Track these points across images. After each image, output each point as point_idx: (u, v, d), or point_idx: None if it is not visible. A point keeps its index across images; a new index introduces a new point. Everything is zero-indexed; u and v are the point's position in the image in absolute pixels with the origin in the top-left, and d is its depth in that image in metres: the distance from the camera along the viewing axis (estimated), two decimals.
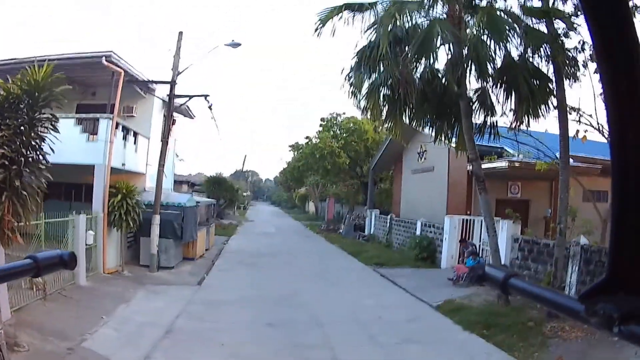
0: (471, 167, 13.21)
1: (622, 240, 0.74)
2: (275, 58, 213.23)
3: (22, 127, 8.43)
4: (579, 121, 13.71)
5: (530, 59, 12.05)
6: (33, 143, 8.65)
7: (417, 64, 12.07)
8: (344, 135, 37.58)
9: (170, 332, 10.25)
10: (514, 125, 12.67)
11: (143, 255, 17.27)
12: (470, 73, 11.94)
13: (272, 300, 13.82)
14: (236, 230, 36.20)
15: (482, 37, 11.49)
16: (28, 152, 8.55)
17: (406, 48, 11.67)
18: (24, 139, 8.44)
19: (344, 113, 39.27)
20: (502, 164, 18.36)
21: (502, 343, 9.61)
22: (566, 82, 12.01)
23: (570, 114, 12.56)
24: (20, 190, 8.01)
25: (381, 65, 12.34)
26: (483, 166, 18.96)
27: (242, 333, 10.50)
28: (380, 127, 23.02)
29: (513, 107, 12.21)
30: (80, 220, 13.34)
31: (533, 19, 11.88)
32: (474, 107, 13.05)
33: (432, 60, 11.72)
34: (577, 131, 13.28)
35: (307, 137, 40.97)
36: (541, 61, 12.02)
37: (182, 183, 43.59)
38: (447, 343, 10.30)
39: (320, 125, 39.28)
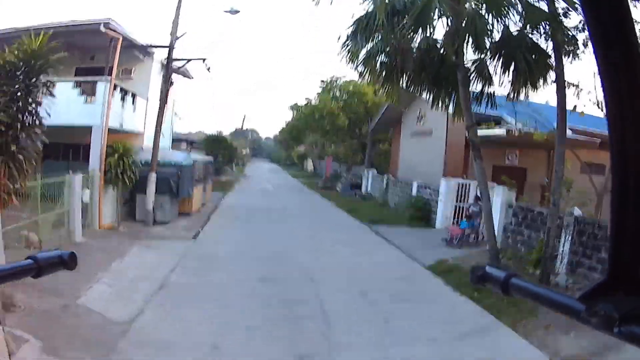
0: (468, 133, 13.23)
1: (621, 241, 0.75)
2: (277, 23, 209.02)
3: (18, 94, 8.55)
4: (578, 96, 13.74)
5: (529, 35, 11.98)
6: (29, 108, 8.76)
7: (414, 35, 11.98)
8: (344, 97, 37.39)
9: (164, 287, 10.38)
10: (511, 97, 12.75)
11: (139, 212, 17.47)
12: (467, 45, 11.88)
13: (265, 255, 14.02)
14: (234, 187, 36.09)
15: (480, 11, 11.38)
16: (24, 117, 8.66)
17: (404, 19, 11.58)
18: (20, 104, 8.56)
19: (344, 76, 38.99)
20: (500, 131, 18.41)
21: (492, 307, 9.53)
22: (565, 59, 11.98)
23: (568, 88, 12.55)
24: (16, 154, 8.15)
25: (378, 35, 12.30)
26: (481, 133, 18.95)
27: (235, 288, 10.68)
28: (379, 93, 23.21)
29: (510, 79, 12.24)
30: (76, 179, 13.46)
31: None
32: (471, 77, 13.05)
33: (428, 32, 11.64)
34: (575, 106, 13.30)
35: (306, 99, 40.74)
36: (540, 37, 11.96)
37: (182, 141, 43.50)
38: (437, 303, 10.41)
39: (320, 87, 39.04)
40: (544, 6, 11.57)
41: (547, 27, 11.52)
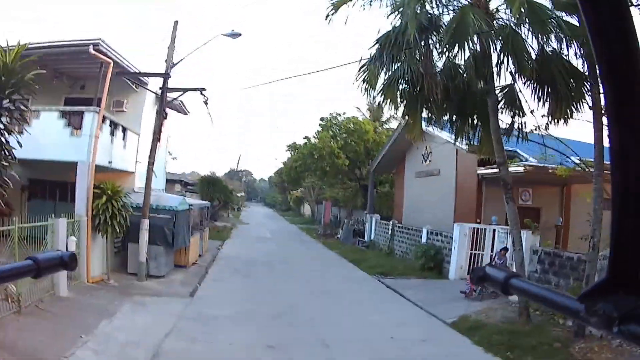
0: (499, 170, 12.10)
1: (622, 241, 0.73)
2: (275, 56, 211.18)
3: None
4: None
5: (565, 55, 10.93)
6: None
7: (450, 54, 10.90)
8: (344, 135, 36.44)
9: (158, 356, 8.95)
10: (548, 126, 11.83)
11: (131, 263, 15.96)
12: (501, 68, 10.87)
13: (271, 316, 12.55)
14: (230, 234, 35.02)
15: (519, 27, 10.47)
16: None
17: (431, 37, 10.52)
18: None
19: (344, 113, 38.21)
20: (517, 168, 17.32)
21: None
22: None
23: (605, 116, 11.40)
24: None
25: (402, 55, 11.17)
26: (494, 170, 17.94)
27: (241, 358, 9.27)
28: (383, 125, 21.93)
29: (548, 106, 11.20)
30: (60, 224, 11.99)
31: (564, 12, 10.75)
32: (500, 106, 11.97)
33: (465, 50, 10.56)
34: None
35: (305, 137, 39.83)
36: (576, 58, 10.93)
37: (175, 182, 42.41)
38: None
39: (319, 125, 38.14)
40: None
41: (581, 46, 10.42)
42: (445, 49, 10.68)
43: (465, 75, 11.83)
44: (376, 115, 39.47)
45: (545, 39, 10.52)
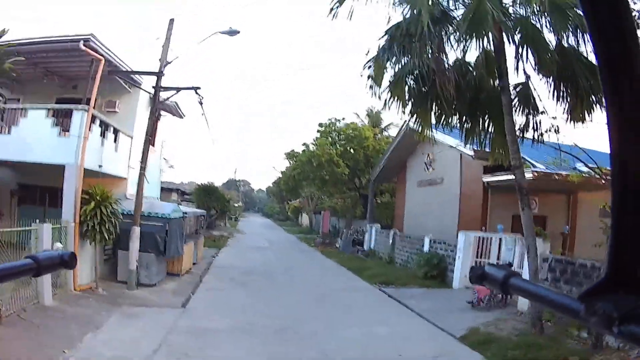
0: (515, 175, 11.40)
1: (621, 240, 0.72)
2: (275, 61, 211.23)
3: None
4: None
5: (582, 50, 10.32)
6: None
7: (465, 46, 10.24)
8: (343, 142, 35.80)
9: None
10: (559, 129, 11.18)
11: (121, 271, 15.18)
12: (519, 62, 10.18)
13: (270, 329, 11.69)
14: (227, 243, 34.17)
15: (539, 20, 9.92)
16: None
17: (445, 29, 9.91)
18: None
19: (343, 119, 37.55)
20: (526, 175, 16.70)
21: None
22: None
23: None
24: None
25: (414, 47, 10.43)
26: (501, 178, 17.35)
27: None
28: (383, 132, 21.22)
29: (567, 103, 10.59)
30: (44, 230, 11.24)
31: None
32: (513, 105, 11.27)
33: (483, 41, 9.87)
34: None
35: (304, 144, 39.16)
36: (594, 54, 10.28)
37: (172, 191, 41.75)
38: None
39: (318, 131, 37.43)
40: None
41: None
42: (461, 39, 9.97)
43: (475, 73, 11.21)
44: (375, 121, 38.94)
45: (564, 32, 9.87)
